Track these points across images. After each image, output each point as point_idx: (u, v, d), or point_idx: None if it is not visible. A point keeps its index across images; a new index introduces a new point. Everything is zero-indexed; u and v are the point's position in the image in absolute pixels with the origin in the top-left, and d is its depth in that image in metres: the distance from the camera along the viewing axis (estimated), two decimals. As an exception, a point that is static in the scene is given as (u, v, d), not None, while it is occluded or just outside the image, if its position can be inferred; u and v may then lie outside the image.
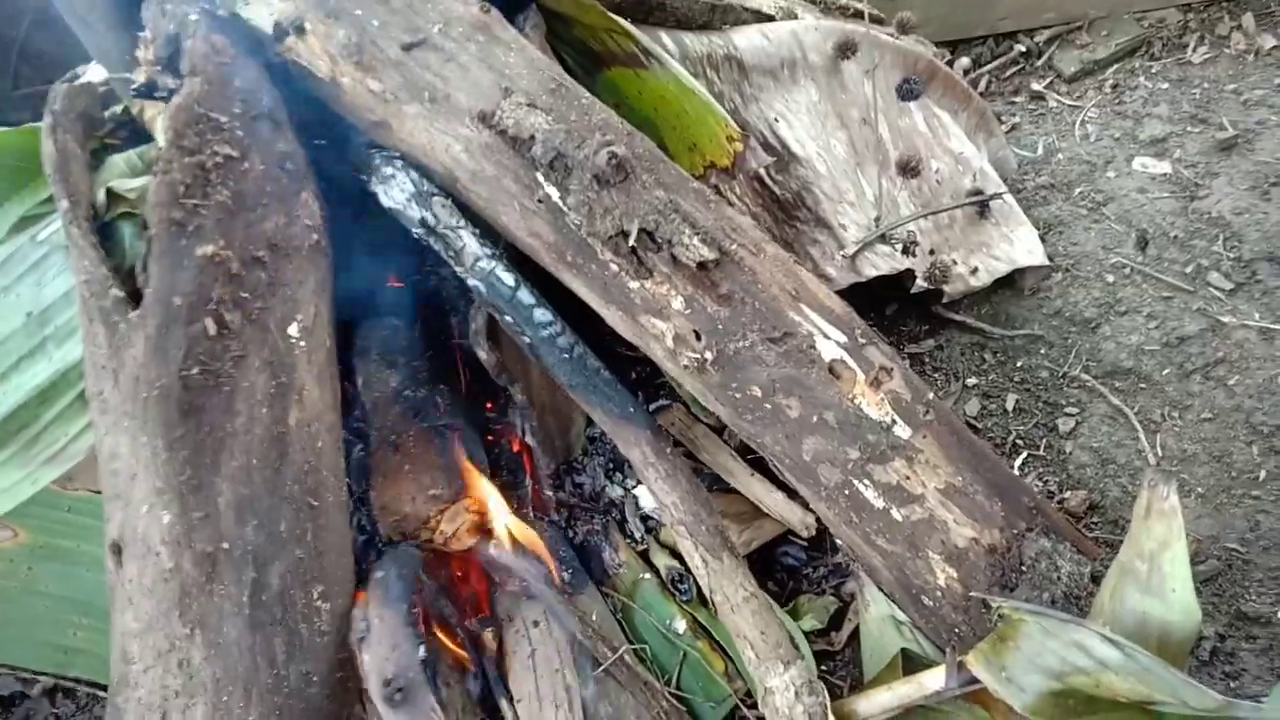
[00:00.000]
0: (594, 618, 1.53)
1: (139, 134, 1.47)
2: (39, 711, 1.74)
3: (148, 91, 1.36)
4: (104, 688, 1.72)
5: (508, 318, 1.43)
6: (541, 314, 1.43)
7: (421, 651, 1.28)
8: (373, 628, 1.25)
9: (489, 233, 1.45)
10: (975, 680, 1.24)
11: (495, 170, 1.38)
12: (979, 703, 1.35)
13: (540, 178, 1.37)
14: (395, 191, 1.40)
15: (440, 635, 1.43)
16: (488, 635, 1.47)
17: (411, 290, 1.75)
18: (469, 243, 1.40)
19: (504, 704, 1.41)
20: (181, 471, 1.14)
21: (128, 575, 1.14)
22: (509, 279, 1.41)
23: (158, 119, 1.33)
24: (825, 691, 1.29)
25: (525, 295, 1.42)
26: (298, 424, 1.24)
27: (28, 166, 1.43)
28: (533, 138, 1.35)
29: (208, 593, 1.13)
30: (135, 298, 1.17)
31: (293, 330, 1.27)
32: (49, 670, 1.67)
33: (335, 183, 1.49)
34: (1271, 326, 1.81)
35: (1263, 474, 1.64)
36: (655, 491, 1.47)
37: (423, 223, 1.40)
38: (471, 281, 1.42)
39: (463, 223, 1.41)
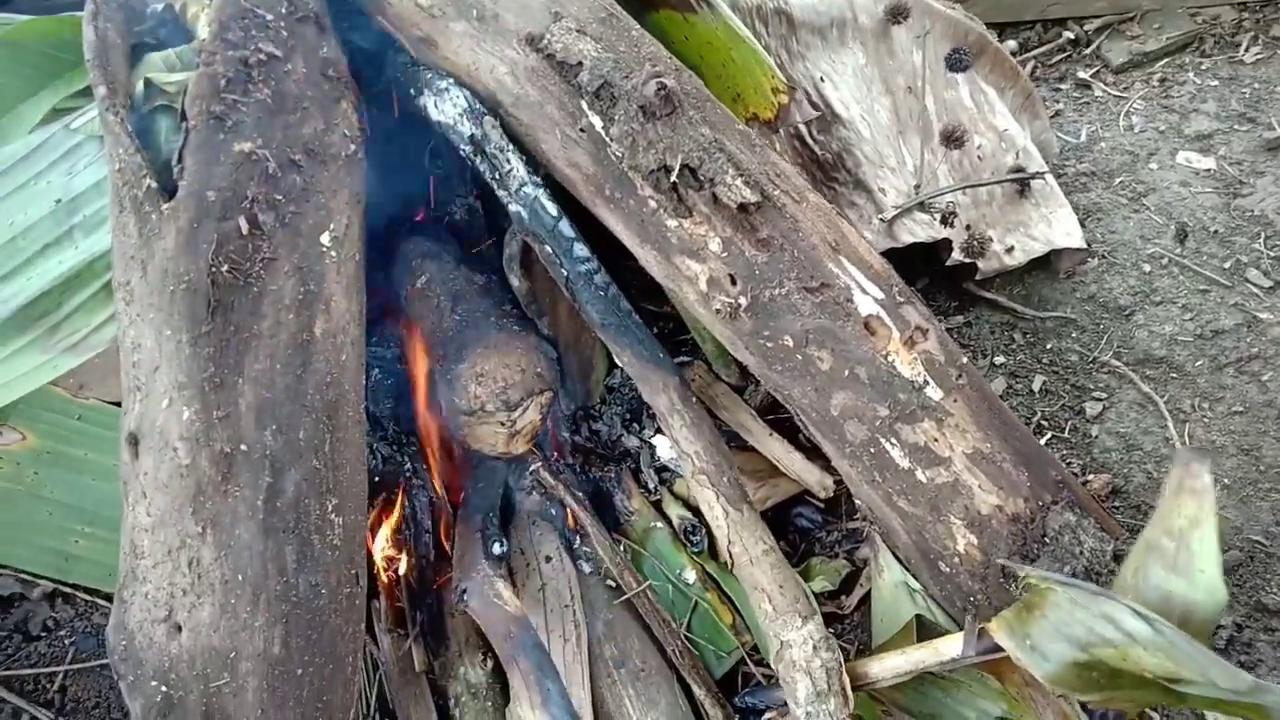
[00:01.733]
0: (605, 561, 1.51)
1: (178, 35, 1.44)
2: (37, 614, 1.73)
3: (192, -13, 1.33)
4: (103, 595, 1.72)
5: (547, 248, 1.41)
6: (581, 249, 1.40)
7: (497, 548, 1.44)
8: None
9: (532, 160, 1.42)
10: (992, 650, 1.22)
11: (539, 95, 1.35)
12: (993, 673, 1.33)
13: (585, 105, 1.34)
14: (447, 105, 1.37)
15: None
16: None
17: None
18: (516, 166, 1.37)
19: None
20: (205, 368, 1.12)
21: (143, 468, 1.12)
22: (552, 209, 1.38)
23: (200, 16, 1.31)
24: (838, 651, 1.27)
25: (567, 228, 1.39)
26: (323, 334, 1.22)
27: (64, 56, 1.40)
28: (580, 64, 1.32)
29: (222, 493, 1.11)
30: (169, 190, 1.15)
31: (324, 239, 1.24)
32: (49, 575, 1.66)
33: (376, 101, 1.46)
34: (1309, 326, 1.78)
35: (1291, 470, 1.62)
36: (678, 439, 1.45)
37: (472, 139, 1.37)
38: (513, 207, 1.39)
39: (512, 145, 1.38)
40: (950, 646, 1.29)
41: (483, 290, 1.58)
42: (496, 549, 1.46)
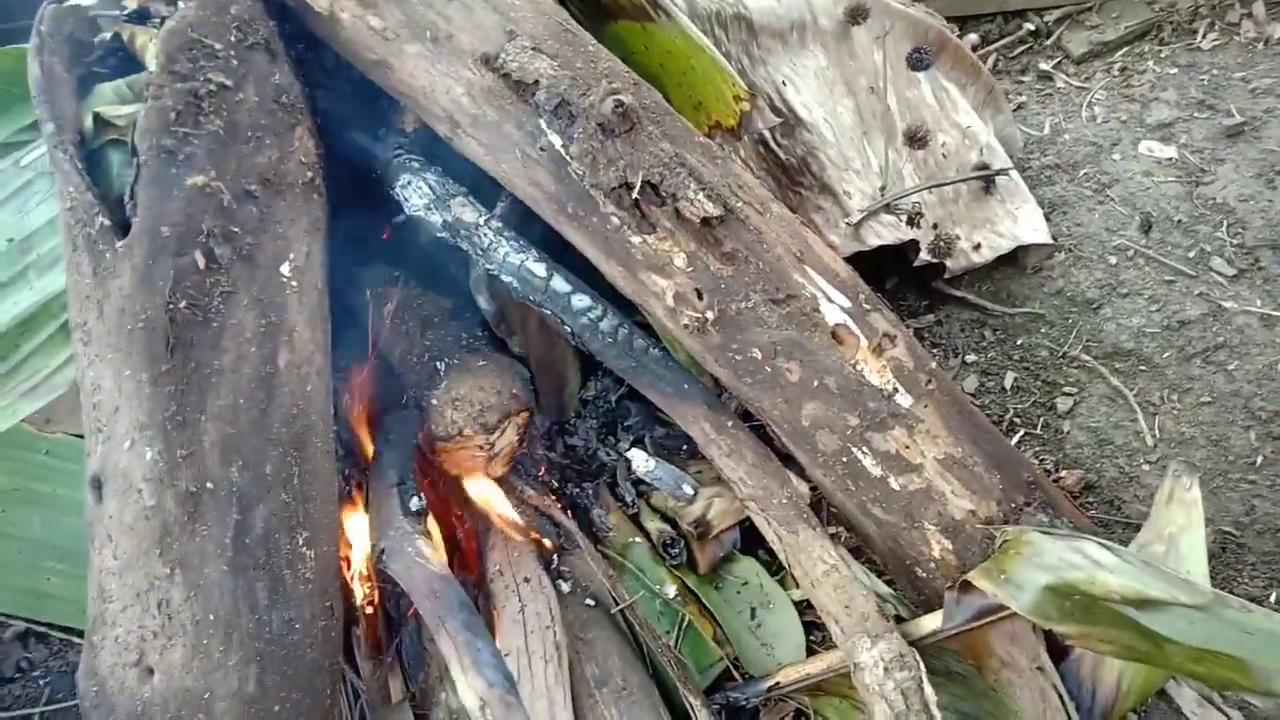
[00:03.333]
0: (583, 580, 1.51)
1: (128, 64, 1.42)
2: (10, 655, 1.70)
3: (140, 17, 1.31)
4: (78, 633, 1.69)
5: (546, 309, 1.40)
6: (579, 300, 1.39)
7: (415, 503, 1.41)
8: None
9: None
10: (971, 619, 1.26)
11: (497, 115, 1.34)
12: (972, 657, 1.34)
13: (543, 124, 1.33)
14: (414, 197, 1.39)
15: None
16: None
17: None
18: (493, 239, 1.37)
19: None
20: (166, 407, 1.10)
21: (107, 511, 1.11)
22: (540, 270, 1.38)
23: (149, 46, 1.29)
24: (920, 664, 1.23)
25: (560, 283, 1.39)
26: (287, 366, 1.21)
27: (11, 90, 1.38)
28: (537, 83, 1.31)
29: (190, 533, 1.10)
30: (122, 227, 1.13)
31: (284, 269, 1.23)
32: (22, 614, 1.64)
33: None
34: (1272, 313, 1.80)
35: (1260, 459, 1.63)
36: (721, 468, 1.44)
37: (445, 226, 1.37)
38: (505, 277, 1.39)
39: (484, 218, 1.38)
40: (930, 621, 1.30)
41: (451, 314, 1.57)
42: (414, 504, 1.41)
